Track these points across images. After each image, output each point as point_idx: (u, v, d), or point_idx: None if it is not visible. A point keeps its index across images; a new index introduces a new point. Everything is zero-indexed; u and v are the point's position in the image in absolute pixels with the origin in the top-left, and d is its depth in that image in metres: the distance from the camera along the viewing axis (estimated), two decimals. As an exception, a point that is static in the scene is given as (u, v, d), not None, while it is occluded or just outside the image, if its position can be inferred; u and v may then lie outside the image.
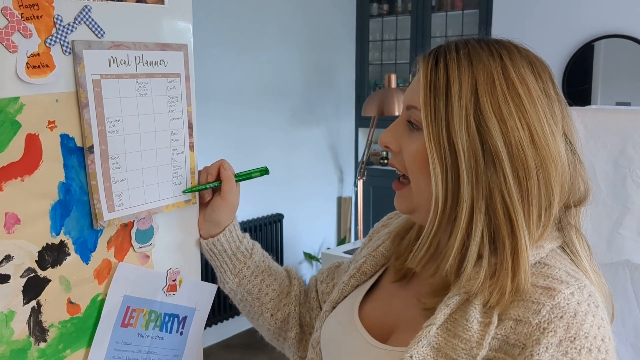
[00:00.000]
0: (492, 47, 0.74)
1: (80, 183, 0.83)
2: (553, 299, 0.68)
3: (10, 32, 0.73)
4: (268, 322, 1.05)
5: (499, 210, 0.71)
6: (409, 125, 0.78)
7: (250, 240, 1.05)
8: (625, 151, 1.58)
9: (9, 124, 0.75)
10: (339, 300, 0.92)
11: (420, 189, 0.77)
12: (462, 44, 0.75)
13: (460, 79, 0.72)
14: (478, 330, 0.69)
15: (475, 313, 0.70)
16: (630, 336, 1.60)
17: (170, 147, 0.92)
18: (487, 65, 0.72)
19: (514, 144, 0.70)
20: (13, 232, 0.77)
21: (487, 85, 0.71)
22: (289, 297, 1.06)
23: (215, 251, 1.00)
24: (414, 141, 0.77)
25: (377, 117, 3.45)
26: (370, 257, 0.92)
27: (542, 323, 0.67)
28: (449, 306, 0.72)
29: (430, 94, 0.73)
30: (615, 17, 3.43)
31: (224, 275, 1.02)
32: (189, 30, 0.94)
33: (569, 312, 0.67)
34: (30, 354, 0.81)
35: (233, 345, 3.62)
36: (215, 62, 3.42)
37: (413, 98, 0.77)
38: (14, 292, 0.78)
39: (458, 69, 0.72)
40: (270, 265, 1.06)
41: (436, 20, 4.14)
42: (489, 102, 0.71)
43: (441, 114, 0.72)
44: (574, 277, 0.71)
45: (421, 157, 0.75)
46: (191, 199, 0.97)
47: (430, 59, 0.75)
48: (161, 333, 0.97)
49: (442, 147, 0.72)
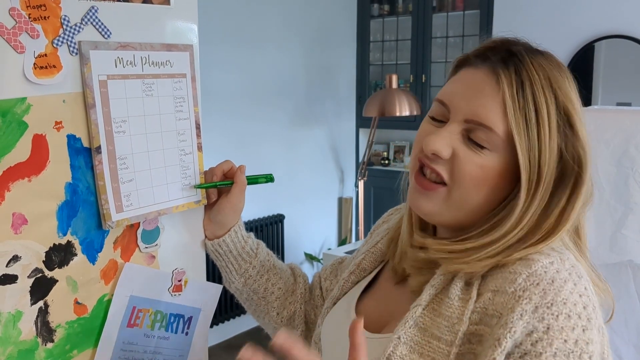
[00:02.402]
0: (554, 63, 0.74)
1: (87, 183, 0.83)
2: (530, 267, 0.68)
3: (18, 32, 0.73)
4: (274, 321, 1.05)
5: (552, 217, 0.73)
6: (466, 139, 0.74)
7: (255, 240, 1.05)
8: (628, 151, 1.58)
9: (16, 125, 0.75)
10: (340, 297, 0.92)
11: (465, 201, 0.75)
12: (533, 59, 0.73)
13: (548, 105, 0.71)
14: (458, 306, 0.70)
15: (457, 290, 0.72)
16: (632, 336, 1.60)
17: (177, 148, 0.92)
18: (563, 86, 0.72)
19: (585, 164, 0.73)
20: (20, 232, 0.77)
21: (570, 109, 0.72)
22: (295, 295, 1.06)
23: (220, 252, 1.00)
24: (478, 156, 0.73)
25: (378, 118, 3.45)
26: (369, 254, 0.93)
27: (518, 291, 0.66)
28: (434, 286, 0.74)
29: (521, 119, 0.71)
30: (616, 18, 3.44)
31: (229, 275, 1.02)
32: (194, 30, 0.94)
33: (546, 279, 0.66)
34: (38, 355, 0.81)
35: (235, 346, 3.62)
36: (217, 62, 3.42)
37: (481, 114, 0.72)
38: (21, 292, 0.78)
39: (544, 93, 0.71)
40: (276, 264, 1.06)
41: (437, 21, 4.14)
42: (579, 125, 0.72)
43: (534, 141, 0.71)
44: (557, 251, 0.71)
45: (486, 174, 0.73)
46: (201, 200, 0.97)
47: (513, 77, 0.72)
48: (167, 333, 0.97)
49: (531, 173, 0.71)
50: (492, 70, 0.73)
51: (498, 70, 0.72)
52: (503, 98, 0.71)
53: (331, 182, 4.45)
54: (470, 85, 0.74)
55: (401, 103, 3.33)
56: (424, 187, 0.76)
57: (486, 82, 0.72)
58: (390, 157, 4.55)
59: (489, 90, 0.72)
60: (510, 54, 0.73)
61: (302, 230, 4.19)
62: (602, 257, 1.62)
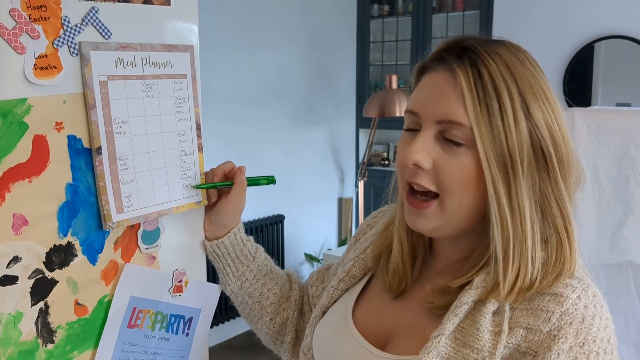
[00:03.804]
0: (511, 50, 0.74)
1: (88, 184, 0.83)
2: (561, 305, 0.69)
3: (19, 33, 0.73)
4: (267, 326, 1.05)
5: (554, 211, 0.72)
6: (442, 141, 0.73)
7: (254, 244, 1.04)
8: (628, 152, 1.58)
9: (17, 125, 0.75)
10: (329, 305, 0.90)
11: (461, 206, 0.74)
12: (490, 50, 0.72)
13: (509, 92, 0.70)
14: (490, 339, 0.69)
15: (486, 322, 0.70)
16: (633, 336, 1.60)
17: (178, 149, 0.92)
18: (522, 73, 0.72)
19: (558, 143, 0.72)
20: (21, 233, 0.77)
21: (532, 94, 0.71)
22: (289, 301, 1.05)
23: (218, 253, 1.00)
24: (456, 157, 0.72)
25: (378, 118, 3.45)
26: (358, 260, 0.91)
27: (553, 330, 0.68)
28: (458, 315, 0.72)
29: (481, 110, 0.70)
30: (615, 18, 3.44)
31: (226, 277, 1.02)
32: (195, 31, 0.94)
33: (578, 317, 0.69)
34: (38, 356, 0.81)
35: (234, 347, 3.62)
36: (217, 62, 3.42)
37: (448, 112, 0.72)
38: (22, 293, 0.78)
39: (503, 79, 0.71)
40: (273, 269, 1.06)
41: (437, 21, 4.14)
42: (537, 110, 0.71)
43: (499, 130, 0.70)
44: (576, 277, 0.73)
45: (467, 173, 0.72)
46: (202, 200, 0.97)
47: (469, 69, 0.72)
48: (167, 334, 0.97)
49: (502, 162, 0.70)
50: (449, 69, 0.73)
51: (454, 67, 0.73)
52: (462, 91, 0.72)
53: (331, 182, 4.45)
54: (433, 88, 0.75)
55: (401, 103, 3.33)
56: (417, 207, 0.76)
57: (446, 82, 0.73)
58: (390, 157, 4.55)
59: (451, 88, 0.72)
60: (463, 49, 0.74)
61: (302, 231, 4.19)
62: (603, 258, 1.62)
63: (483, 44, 0.74)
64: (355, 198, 4.49)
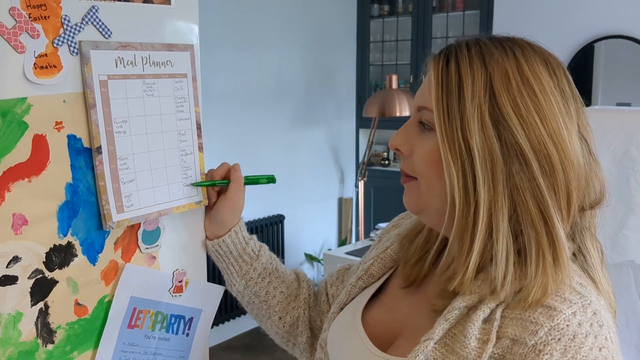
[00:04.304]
0: (504, 44, 0.72)
1: (88, 184, 0.83)
2: (552, 319, 0.65)
3: (18, 32, 0.73)
4: (276, 326, 1.04)
5: (530, 207, 0.68)
6: (420, 126, 0.76)
7: (258, 242, 1.04)
8: (629, 152, 1.58)
9: (16, 125, 0.75)
10: (347, 302, 0.91)
11: (432, 191, 0.75)
12: (473, 42, 0.73)
13: (474, 77, 0.70)
14: (475, 347, 0.67)
15: (474, 330, 0.68)
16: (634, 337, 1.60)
17: (178, 148, 0.92)
18: (501, 63, 0.70)
19: (535, 139, 0.68)
20: (21, 233, 0.76)
21: (503, 83, 0.69)
22: (298, 300, 1.05)
23: (220, 252, 1.00)
24: (425, 142, 0.75)
25: (378, 118, 3.45)
26: (378, 259, 0.91)
27: (538, 345, 0.64)
28: (448, 320, 0.70)
29: (442, 94, 0.71)
30: (616, 18, 3.44)
31: (230, 277, 1.02)
32: (195, 30, 0.94)
33: (568, 334, 0.64)
34: (38, 356, 0.80)
35: (234, 347, 3.61)
36: (217, 62, 3.42)
37: (424, 99, 0.75)
38: (21, 293, 0.77)
39: (470, 67, 0.70)
40: (278, 268, 1.05)
41: (437, 21, 4.14)
42: (505, 99, 0.69)
43: (454, 113, 0.70)
44: (579, 293, 0.68)
45: (433, 158, 0.73)
46: (202, 200, 0.97)
47: (441, 58, 0.73)
48: (167, 334, 0.97)
49: (456, 147, 0.70)
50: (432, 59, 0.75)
51: (436, 56, 0.75)
52: (430, 79, 0.74)
53: (331, 182, 4.44)
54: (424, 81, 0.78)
55: (401, 103, 3.33)
56: (403, 182, 0.80)
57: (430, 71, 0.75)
58: (390, 157, 4.54)
59: (429, 75, 0.75)
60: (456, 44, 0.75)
61: (302, 231, 4.18)
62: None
63: (475, 39, 0.74)
64: (355, 198, 4.49)
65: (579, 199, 0.72)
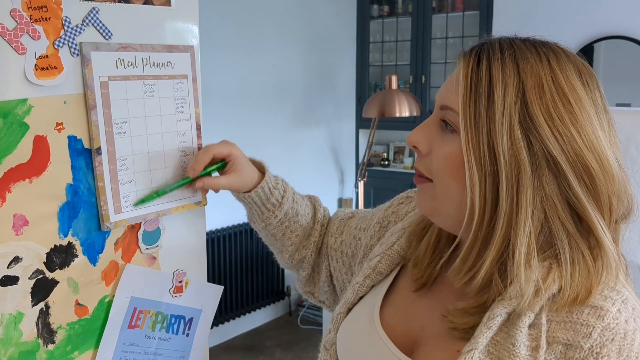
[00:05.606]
0: (539, 49, 0.70)
1: (88, 185, 0.83)
2: (602, 320, 0.65)
3: (19, 33, 0.73)
4: (285, 260, 1.09)
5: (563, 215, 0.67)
6: (442, 125, 0.73)
7: (282, 189, 1.04)
8: (628, 152, 1.58)
9: (17, 126, 0.75)
10: (355, 302, 0.88)
11: (447, 195, 0.72)
12: (507, 44, 0.70)
13: (505, 82, 0.67)
14: (526, 355, 0.65)
15: (522, 337, 0.66)
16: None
17: (178, 149, 0.92)
18: (535, 70, 0.68)
19: (571, 150, 0.66)
20: (21, 233, 0.77)
21: (536, 91, 0.67)
22: (308, 240, 1.07)
23: (244, 201, 1.02)
24: (446, 143, 0.72)
25: (378, 119, 3.45)
26: (385, 256, 0.88)
27: (595, 347, 0.64)
28: (491, 329, 0.68)
29: (470, 96, 0.68)
30: (615, 19, 3.44)
31: (252, 216, 1.05)
32: (195, 31, 0.94)
33: (619, 333, 0.65)
34: (39, 356, 0.81)
35: (234, 347, 3.62)
36: (217, 63, 3.42)
37: (449, 98, 0.72)
38: (22, 293, 0.78)
39: (502, 71, 0.68)
40: (299, 211, 1.06)
41: (437, 22, 4.14)
42: (538, 108, 0.66)
43: (482, 119, 0.67)
44: (613, 289, 0.68)
45: (453, 161, 0.70)
46: (202, 201, 0.97)
47: (472, 57, 0.70)
48: (168, 334, 0.97)
49: (481, 154, 0.67)
50: (462, 56, 0.72)
51: (466, 53, 0.72)
52: (458, 78, 0.70)
53: (331, 182, 4.45)
54: (449, 78, 0.75)
55: (401, 104, 3.33)
56: (416, 182, 0.77)
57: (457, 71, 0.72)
58: (390, 157, 4.55)
59: (455, 75, 0.72)
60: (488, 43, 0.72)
61: (302, 231, 4.18)
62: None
63: (508, 40, 0.71)
64: (355, 198, 4.49)
65: (618, 209, 0.71)
